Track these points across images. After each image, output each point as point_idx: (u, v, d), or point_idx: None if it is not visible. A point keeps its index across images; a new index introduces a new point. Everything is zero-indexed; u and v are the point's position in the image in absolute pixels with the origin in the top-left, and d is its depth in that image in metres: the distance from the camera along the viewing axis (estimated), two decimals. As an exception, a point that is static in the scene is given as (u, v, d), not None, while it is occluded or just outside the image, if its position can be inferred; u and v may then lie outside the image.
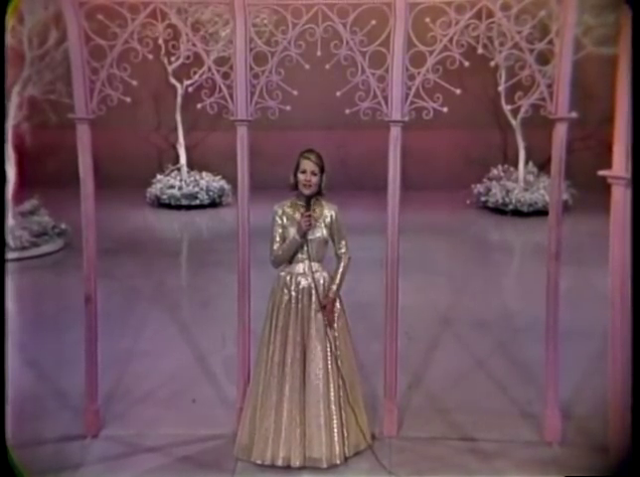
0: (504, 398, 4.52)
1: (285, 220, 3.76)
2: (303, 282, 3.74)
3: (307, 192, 3.70)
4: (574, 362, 4.64)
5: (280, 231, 3.76)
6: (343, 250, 3.83)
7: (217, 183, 11.13)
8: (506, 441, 3.99)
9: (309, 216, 3.66)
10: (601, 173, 3.42)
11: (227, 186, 11.03)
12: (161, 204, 11.02)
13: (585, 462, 3.63)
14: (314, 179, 3.69)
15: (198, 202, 10.93)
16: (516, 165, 10.80)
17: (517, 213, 10.23)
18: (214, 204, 11.05)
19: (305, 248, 3.72)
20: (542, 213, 9.60)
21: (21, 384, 4.64)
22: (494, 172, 11.04)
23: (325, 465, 3.66)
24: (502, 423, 4.19)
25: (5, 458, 2.93)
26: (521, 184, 10.50)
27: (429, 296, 6.65)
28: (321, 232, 3.74)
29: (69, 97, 5.06)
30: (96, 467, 3.80)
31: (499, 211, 10.43)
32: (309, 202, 3.71)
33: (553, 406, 4.01)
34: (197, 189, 10.97)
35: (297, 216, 3.72)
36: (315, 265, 3.76)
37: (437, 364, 5.07)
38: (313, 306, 3.73)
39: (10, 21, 3.25)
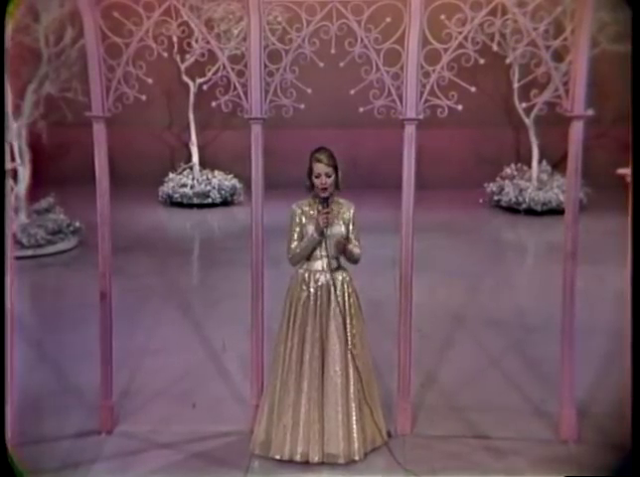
0: (518, 396, 4.50)
1: (304, 218, 3.77)
2: (322, 279, 3.74)
3: (324, 194, 3.71)
4: (589, 360, 4.62)
5: (298, 229, 3.77)
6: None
7: (229, 182, 11.14)
8: (521, 439, 3.98)
9: (327, 213, 3.67)
10: (620, 171, 3.39)
11: (238, 185, 11.04)
12: (173, 202, 11.04)
13: (601, 460, 3.60)
14: (329, 180, 3.70)
15: (210, 200, 10.94)
16: (529, 164, 10.73)
17: (530, 212, 10.17)
18: (225, 202, 11.06)
19: (323, 246, 3.73)
20: (555, 212, 9.55)
21: (35, 380, 4.67)
22: (507, 171, 10.96)
23: (343, 461, 3.68)
24: (517, 421, 4.18)
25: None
26: (534, 183, 10.44)
27: (443, 295, 6.63)
28: (339, 229, 3.75)
29: (84, 95, 5.09)
30: (111, 463, 3.83)
31: (512, 210, 10.38)
32: (327, 200, 3.72)
33: (568, 404, 3.99)
34: (209, 188, 10.98)
35: (315, 214, 3.73)
36: (333, 262, 3.76)
37: (451, 362, 5.06)
38: (332, 304, 3.73)
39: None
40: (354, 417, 3.71)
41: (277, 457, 3.72)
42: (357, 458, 3.70)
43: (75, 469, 3.75)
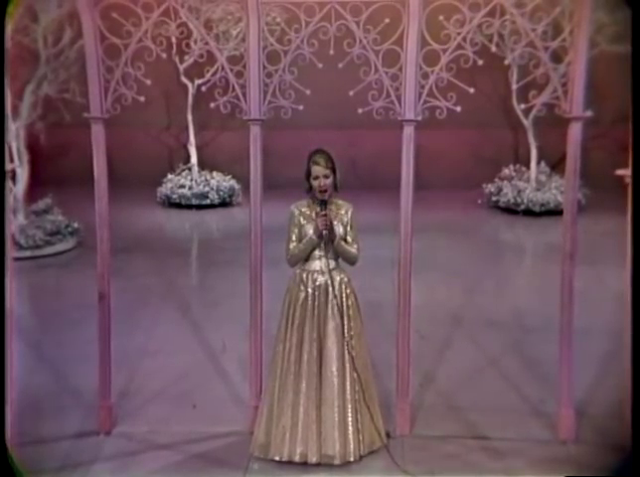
0: (517, 397, 4.50)
1: (302, 219, 3.78)
2: (320, 279, 3.75)
3: (323, 197, 3.72)
4: (588, 360, 4.62)
5: (297, 230, 3.77)
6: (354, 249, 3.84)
7: (227, 183, 11.14)
8: (519, 440, 3.98)
9: (325, 215, 3.68)
10: (618, 172, 3.40)
11: (237, 186, 11.04)
12: (171, 203, 11.04)
13: (600, 460, 3.61)
14: (327, 182, 3.72)
15: (208, 201, 10.93)
16: (527, 165, 10.74)
17: (528, 212, 10.18)
18: (224, 203, 11.05)
19: (322, 246, 3.74)
20: (553, 213, 9.56)
21: (34, 381, 4.67)
22: (505, 172, 10.97)
23: (339, 462, 3.67)
24: (515, 422, 4.18)
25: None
26: (533, 184, 10.44)
27: (441, 295, 6.63)
28: (337, 230, 3.74)
29: (83, 96, 5.08)
30: (109, 464, 3.83)
31: (510, 211, 10.38)
32: (325, 201, 3.72)
33: (567, 405, 3.99)
34: (207, 188, 10.97)
35: (314, 215, 3.74)
36: (332, 263, 3.77)
37: (450, 362, 5.06)
38: (330, 304, 3.74)
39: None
40: (349, 418, 3.71)
41: (277, 458, 3.72)
42: (352, 459, 3.70)
43: (74, 470, 3.75)
